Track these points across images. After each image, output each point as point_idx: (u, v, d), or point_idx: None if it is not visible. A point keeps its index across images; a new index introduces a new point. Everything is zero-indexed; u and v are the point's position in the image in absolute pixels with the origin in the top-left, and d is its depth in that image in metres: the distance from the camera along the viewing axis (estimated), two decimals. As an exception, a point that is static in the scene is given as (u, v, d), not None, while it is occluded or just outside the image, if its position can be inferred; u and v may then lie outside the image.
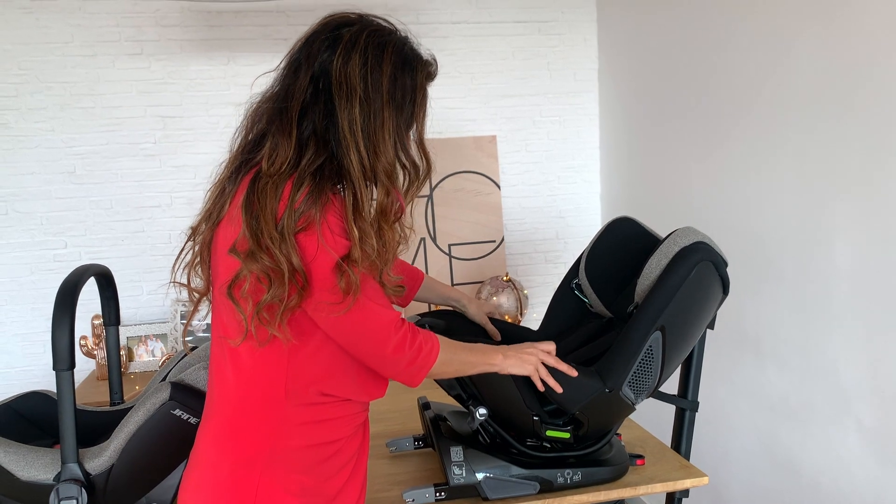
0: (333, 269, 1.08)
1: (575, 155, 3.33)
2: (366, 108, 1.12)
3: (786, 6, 2.05)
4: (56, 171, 2.85)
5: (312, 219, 1.06)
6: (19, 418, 1.56)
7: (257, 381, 1.16)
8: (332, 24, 1.18)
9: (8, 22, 2.75)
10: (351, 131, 1.11)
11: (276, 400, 1.15)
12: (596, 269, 1.74)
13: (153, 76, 2.89)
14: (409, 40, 1.22)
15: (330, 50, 1.14)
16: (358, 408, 1.27)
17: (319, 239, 1.07)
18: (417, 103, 1.21)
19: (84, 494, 1.32)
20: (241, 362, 1.16)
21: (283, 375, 1.15)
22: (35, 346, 2.88)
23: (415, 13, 3.09)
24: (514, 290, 3.01)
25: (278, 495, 1.15)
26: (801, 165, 2.03)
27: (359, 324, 1.13)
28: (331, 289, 1.09)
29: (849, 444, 1.92)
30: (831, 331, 1.96)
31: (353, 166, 1.11)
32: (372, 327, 1.14)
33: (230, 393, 1.18)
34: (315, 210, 1.07)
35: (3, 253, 2.84)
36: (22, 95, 2.80)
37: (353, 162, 1.11)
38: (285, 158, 1.10)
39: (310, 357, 1.16)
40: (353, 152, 1.11)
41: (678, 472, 1.64)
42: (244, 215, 1.08)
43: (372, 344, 1.15)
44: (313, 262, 1.08)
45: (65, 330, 1.31)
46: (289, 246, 1.06)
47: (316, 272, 1.08)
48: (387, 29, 1.20)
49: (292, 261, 1.06)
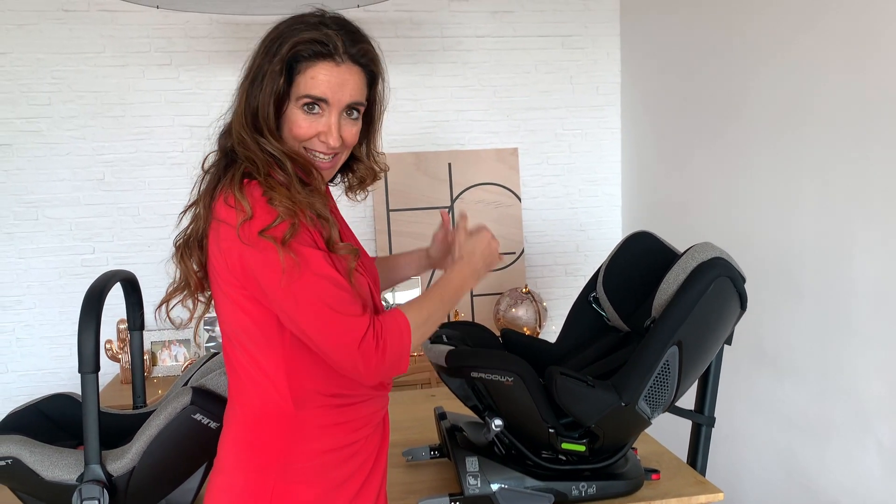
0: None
1: (596, 168, 3.34)
2: (241, 94, 1.17)
3: (812, 27, 2.04)
4: (86, 178, 2.92)
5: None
6: (44, 419, 1.59)
7: (266, 390, 1.16)
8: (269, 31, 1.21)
9: (42, 32, 2.82)
10: (235, 117, 1.16)
11: (285, 407, 1.16)
12: (613, 282, 1.74)
13: (182, 86, 2.95)
14: (311, 20, 1.15)
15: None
16: (376, 405, 1.25)
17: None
18: (269, 74, 1.13)
19: (106, 495, 1.34)
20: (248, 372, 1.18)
21: (285, 382, 1.15)
22: (62, 348, 2.94)
23: (439, 27, 3.13)
24: (533, 303, 3.01)
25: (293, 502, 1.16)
26: (823, 182, 2.02)
27: (320, 333, 1.09)
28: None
29: (868, 463, 1.90)
30: (851, 348, 1.94)
31: (237, 146, 1.14)
32: (335, 337, 1.09)
33: (244, 401, 1.20)
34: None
35: (33, 257, 2.90)
36: (55, 104, 2.87)
37: (237, 146, 1.14)
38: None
39: (310, 361, 1.15)
40: (238, 137, 1.14)
41: (693, 487, 1.63)
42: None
43: (339, 355, 1.10)
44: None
45: (91, 334, 1.34)
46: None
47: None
48: (296, 16, 1.17)
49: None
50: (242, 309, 1.14)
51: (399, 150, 3.14)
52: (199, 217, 1.17)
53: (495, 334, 1.81)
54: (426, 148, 3.20)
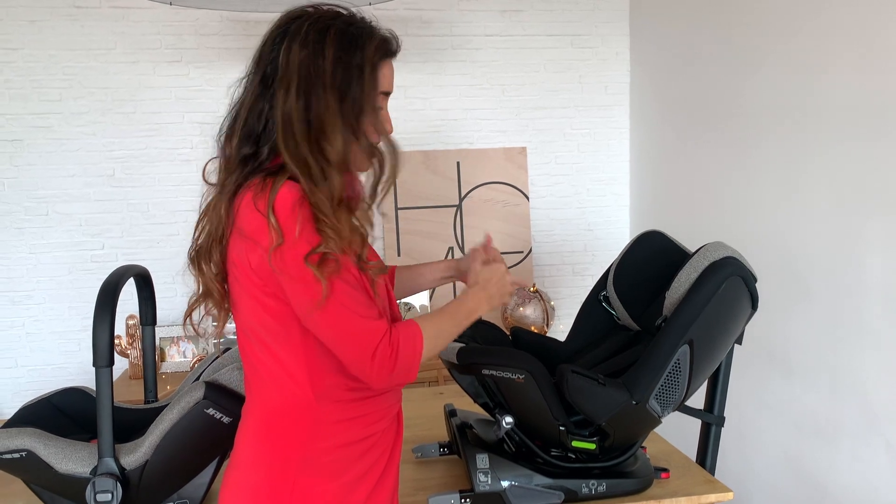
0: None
1: (605, 168, 3.34)
2: (307, 96, 1.10)
3: (821, 24, 2.04)
4: (96, 174, 2.93)
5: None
6: (58, 413, 1.60)
7: (285, 384, 1.17)
8: (283, 22, 1.17)
9: (54, 28, 2.84)
10: (288, 122, 1.10)
11: (307, 401, 1.17)
12: (624, 281, 1.74)
13: (192, 83, 2.96)
14: (357, 19, 1.17)
15: (277, 47, 1.14)
16: (391, 399, 1.26)
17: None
18: (366, 81, 1.14)
19: (119, 489, 1.35)
20: (267, 367, 1.18)
21: (306, 376, 1.16)
22: (71, 343, 2.95)
23: (448, 25, 3.13)
24: (540, 302, 3.01)
25: (315, 496, 1.16)
26: (835, 182, 2.02)
27: (339, 335, 1.10)
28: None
29: (877, 465, 1.90)
30: (862, 350, 1.94)
31: (288, 158, 1.09)
32: (352, 341, 1.10)
33: (263, 396, 1.20)
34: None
35: (44, 252, 2.92)
36: (65, 100, 2.88)
37: (288, 154, 1.09)
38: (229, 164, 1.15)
39: (330, 355, 1.15)
40: (290, 144, 1.10)
41: (703, 486, 1.63)
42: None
43: (354, 358, 1.11)
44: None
45: (105, 328, 1.34)
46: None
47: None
48: (331, 13, 1.17)
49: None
50: (262, 305, 1.14)
51: (408, 148, 3.14)
52: (220, 218, 1.16)
53: (505, 332, 1.81)
54: (435, 146, 3.20)
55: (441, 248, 3.19)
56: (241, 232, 1.12)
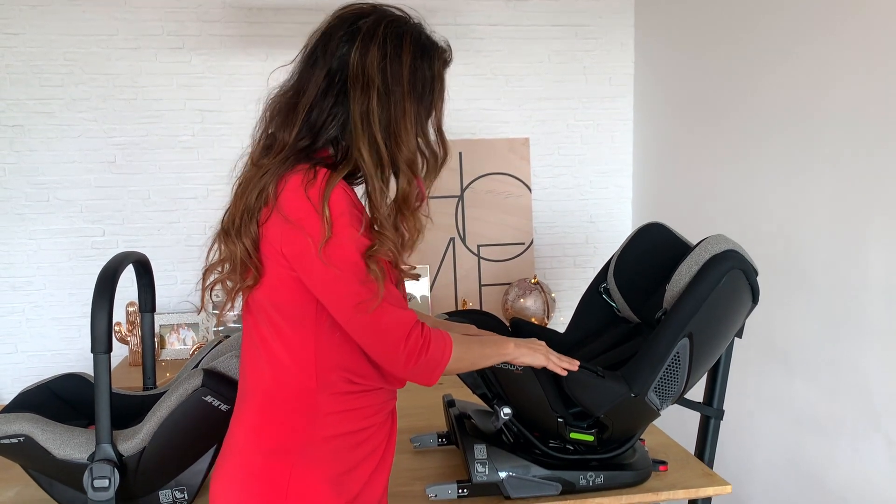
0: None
1: (608, 159, 3.32)
2: (385, 99, 1.13)
3: (827, 19, 2.03)
4: (97, 161, 2.92)
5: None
6: (56, 399, 1.60)
7: (289, 370, 1.17)
8: (348, 18, 1.18)
9: (56, 13, 2.82)
10: (366, 123, 1.12)
11: (308, 389, 1.17)
12: (625, 274, 1.74)
13: (193, 70, 2.95)
14: (423, 28, 1.23)
15: (348, 44, 1.15)
16: (387, 395, 1.28)
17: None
18: (436, 91, 1.22)
19: (116, 474, 1.36)
20: (272, 351, 1.18)
21: (312, 364, 1.17)
22: (70, 330, 2.95)
23: (452, 14, 3.11)
24: (541, 293, 3.01)
25: (310, 484, 1.16)
26: (837, 175, 2.00)
27: (372, 323, 1.13)
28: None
29: (877, 460, 1.90)
30: (863, 345, 1.93)
31: (364, 158, 1.12)
32: (385, 327, 1.13)
33: (263, 382, 1.20)
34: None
35: (44, 239, 2.91)
36: (67, 86, 2.87)
37: (365, 154, 1.12)
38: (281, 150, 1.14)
39: (338, 345, 1.17)
40: (366, 144, 1.12)
41: (701, 479, 1.63)
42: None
43: (385, 345, 1.14)
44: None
45: (104, 314, 1.34)
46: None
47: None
48: (402, 18, 1.21)
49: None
50: (283, 284, 1.14)
51: (410, 137, 3.13)
52: (265, 196, 1.13)
53: (504, 323, 1.81)
54: (437, 136, 3.18)
55: (443, 238, 3.18)
56: (283, 214, 1.11)
